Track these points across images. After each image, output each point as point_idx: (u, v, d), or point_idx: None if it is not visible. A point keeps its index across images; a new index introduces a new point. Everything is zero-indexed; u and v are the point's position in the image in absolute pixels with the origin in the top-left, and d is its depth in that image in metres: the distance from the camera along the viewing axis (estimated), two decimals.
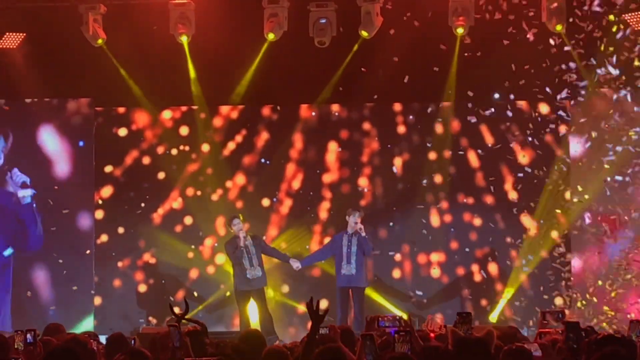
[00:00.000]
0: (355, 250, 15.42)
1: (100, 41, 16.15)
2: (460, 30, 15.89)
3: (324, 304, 15.94)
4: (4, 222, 16.94)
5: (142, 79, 16.70)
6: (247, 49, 16.53)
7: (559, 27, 15.72)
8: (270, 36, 16.10)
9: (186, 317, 8.03)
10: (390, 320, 8.20)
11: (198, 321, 7.84)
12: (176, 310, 8.25)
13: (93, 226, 17.01)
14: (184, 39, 16.19)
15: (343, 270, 15.47)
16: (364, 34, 15.98)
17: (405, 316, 9.84)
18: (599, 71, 16.06)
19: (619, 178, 16.32)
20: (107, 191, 17.22)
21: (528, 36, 16.07)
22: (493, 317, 16.53)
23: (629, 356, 5.70)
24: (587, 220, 16.44)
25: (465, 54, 16.25)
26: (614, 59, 15.96)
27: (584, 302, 16.26)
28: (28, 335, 7.19)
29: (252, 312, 15.51)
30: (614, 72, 15.95)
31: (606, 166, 16.29)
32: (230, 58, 16.42)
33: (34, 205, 16.94)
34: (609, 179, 16.30)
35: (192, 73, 16.70)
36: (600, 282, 16.19)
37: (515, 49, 16.10)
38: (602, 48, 15.96)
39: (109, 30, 16.14)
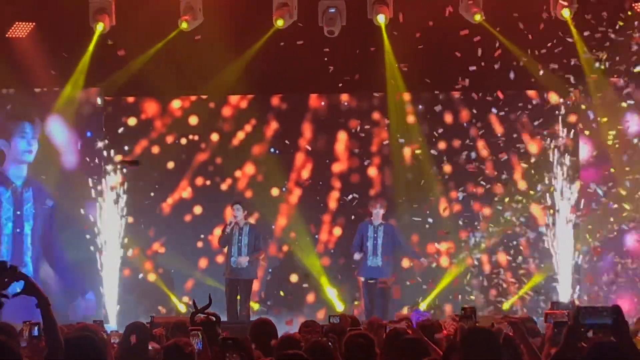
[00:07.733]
0: (381, 242, 15.27)
1: (99, 27, 16.04)
2: (477, 17, 15.85)
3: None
4: None
5: (151, 68, 16.65)
6: (254, 38, 16.49)
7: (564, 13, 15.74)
8: (279, 22, 16.06)
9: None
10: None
11: (214, 313, 7.89)
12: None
13: (101, 216, 16.98)
14: (184, 26, 16.13)
15: (369, 262, 15.31)
16: (379, 20, 15.94)
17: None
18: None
19: None
20: (116, 180, 17.20)
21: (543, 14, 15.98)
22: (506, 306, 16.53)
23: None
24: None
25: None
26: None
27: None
28: (35, 328, 7.13)
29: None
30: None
31: None
32: (237, 46, 16.40)
33: None
34: None
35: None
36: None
37: (525, 37, 16.09)
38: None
39: (119, 18, 16.12)
